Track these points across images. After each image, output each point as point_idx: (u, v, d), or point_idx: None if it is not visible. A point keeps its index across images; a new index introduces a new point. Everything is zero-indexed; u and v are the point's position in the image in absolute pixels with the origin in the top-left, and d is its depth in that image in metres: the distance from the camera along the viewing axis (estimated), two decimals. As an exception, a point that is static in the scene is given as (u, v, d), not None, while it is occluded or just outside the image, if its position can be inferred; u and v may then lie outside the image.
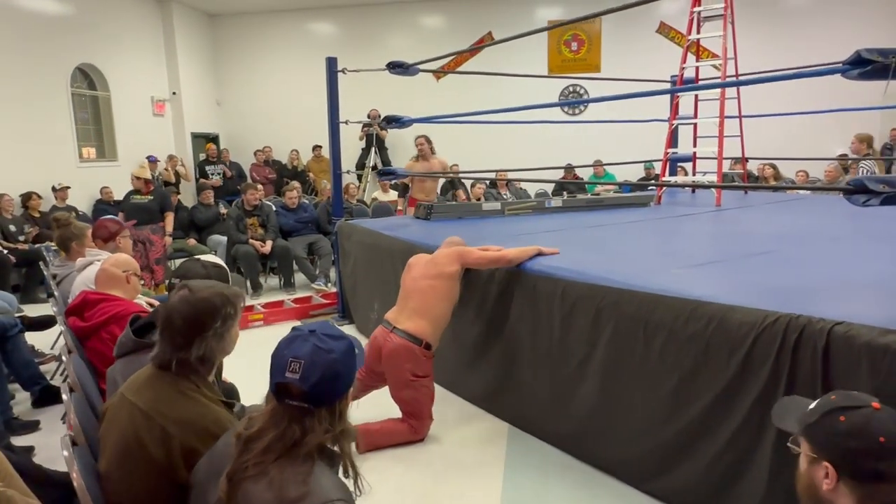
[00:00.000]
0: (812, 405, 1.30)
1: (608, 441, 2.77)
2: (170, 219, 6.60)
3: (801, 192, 6.88)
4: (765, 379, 2.11)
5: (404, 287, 3.31)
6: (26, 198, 7.36)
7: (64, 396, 1.75)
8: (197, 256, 2.35)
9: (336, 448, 1.23)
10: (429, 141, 6.48)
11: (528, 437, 3.20)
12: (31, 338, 4.41)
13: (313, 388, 1.20)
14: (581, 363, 2.84)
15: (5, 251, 6.30)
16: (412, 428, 3.14)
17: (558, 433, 3.05)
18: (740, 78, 6.12)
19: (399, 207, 7.04)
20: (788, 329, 2.05)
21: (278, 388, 1.21)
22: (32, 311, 5.34)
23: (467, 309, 3.50)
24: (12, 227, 6.84)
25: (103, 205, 8.52)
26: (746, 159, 6.63)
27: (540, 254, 3.32)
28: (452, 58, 10.40)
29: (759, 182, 8.21)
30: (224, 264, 2.24)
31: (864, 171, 6.23)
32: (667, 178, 6.42)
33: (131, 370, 1.68)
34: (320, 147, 10.79)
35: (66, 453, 1.40)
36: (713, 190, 5.74)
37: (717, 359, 2.26)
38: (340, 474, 1.26)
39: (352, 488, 1.27)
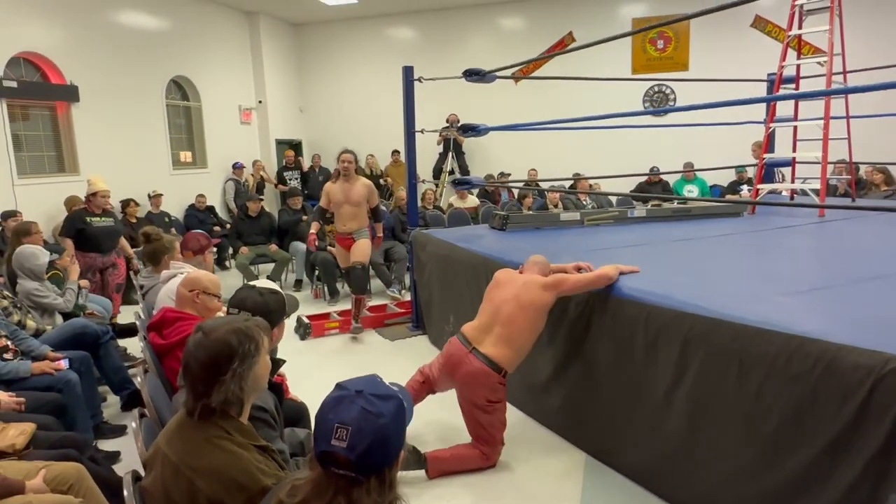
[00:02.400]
0: None
1: (695, 483, 2.54)
2: (125, 242, 5.97)
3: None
4: (886, 432, 1.84)
5: (491, 305, 3.14)
6: (125, 204, 7.82)
7: (132, 424, 1.76)
8: (252, 283, 2.30)
9: None
10: (356, 159, 5.44)
11: (608, 469, 3.00)
12: (123, 340, 4.65)
13: (361, 457, 1.10)
14: (665, 396, 2.62)
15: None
16: (483, 455, 3.02)
17: (640, 469, 2.84)
18: (848, 76, 5.60)
19: (312, 231, 5.48)
20: (916, 377, 1.78)
21: (323, 457, 1.13)
22: (127, 311, 5.66)
23: (545, 330, 3.34)
24: (112, 233, 7.26)
25: (194, 210, 8.99)
26: (856, 165, 6.06)
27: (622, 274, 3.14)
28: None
29: (865, 188, 7.49)
30: (280, 289, 2.15)
31: None
32: (762, 185, 5.96)
33: None
34: (398, 152, 10.87)
35: (126, 493, 1.38)
36: (814, 198, 5.26)
37: (825, 405, 2.00)
38: None
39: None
